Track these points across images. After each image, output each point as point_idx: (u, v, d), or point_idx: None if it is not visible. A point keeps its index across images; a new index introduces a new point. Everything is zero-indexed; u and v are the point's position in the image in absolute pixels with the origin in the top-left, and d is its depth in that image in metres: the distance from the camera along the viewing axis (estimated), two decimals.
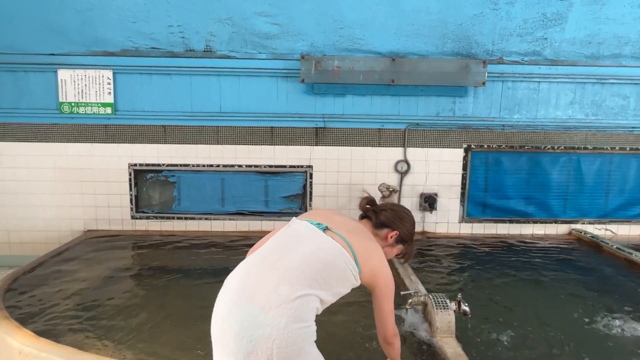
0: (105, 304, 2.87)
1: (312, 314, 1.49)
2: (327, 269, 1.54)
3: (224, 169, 4.32)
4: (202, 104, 4.21)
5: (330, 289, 1.55)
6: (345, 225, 1.73)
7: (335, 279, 1.56)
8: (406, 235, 1.90)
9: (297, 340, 1.40)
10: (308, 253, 1.55)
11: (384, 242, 1.87)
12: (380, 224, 1.87)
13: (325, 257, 1.55)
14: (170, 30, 4.06)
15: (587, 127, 4.37)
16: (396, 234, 1.87)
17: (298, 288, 1.46)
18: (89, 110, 4.15)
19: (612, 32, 4.15)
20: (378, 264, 1.68)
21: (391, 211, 1.90)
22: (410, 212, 1.97)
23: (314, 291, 1.49)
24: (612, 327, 2.69)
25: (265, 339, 1.38)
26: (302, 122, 4.26)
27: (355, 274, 1.60)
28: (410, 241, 1.93)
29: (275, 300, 1.42)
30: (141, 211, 4.37)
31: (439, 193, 4.40)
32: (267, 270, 1.51)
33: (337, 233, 1.64)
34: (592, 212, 4.52)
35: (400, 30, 4.09)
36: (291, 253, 1.55)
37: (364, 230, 1.79)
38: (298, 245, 1.58)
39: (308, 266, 1.52)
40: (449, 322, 2.34)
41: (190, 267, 3.59)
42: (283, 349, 1.37)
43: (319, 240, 1.60)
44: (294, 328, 1.40)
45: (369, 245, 1.70)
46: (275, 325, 1.39)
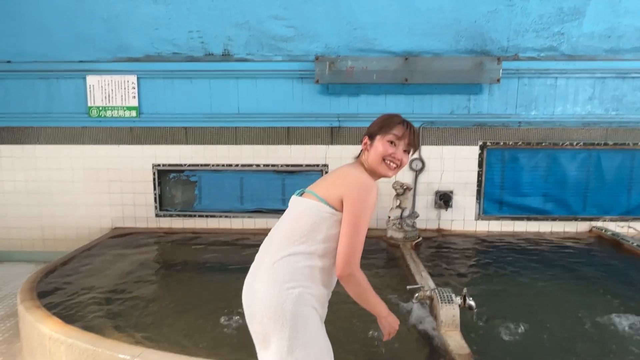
0: (129, 295, 3.05)
1: (299, 274, 1.55)
2: (301, 226, 1.61)
3: (242, 169, 4.46)
4: (221, 106, 4.37)
5: (312, 239, 1.58)
6: (325, 177, 1.77)
7: (313, 229, 1.58)
8: (373, 129, 1.74)
9: (280, 302, 1.51)
10: (285, 223, 1.68)
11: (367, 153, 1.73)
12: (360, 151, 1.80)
13: (296, 217, 1.65)
14: (190, 36, 4.23)
15: (608, 122, 4.28)
16: (365, 137, 1.76)
17: (276, 254, 1.60)
18: (115, 114, 4.38)
19: (633, 24, 4.07)
20: (339, 181, 1.64)
21: None
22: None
23: (293, 249, 1.58)
24: (627, 325, 2.66)
25: (256, 303, 1.58)
26: (317, 122, 4.36)
27: (329, 210, 1.59)
28: (379, 128, 1.73)
29: (263, 269, 1.62)
30: (165, 209, 4.57)
31: (455, 191, 4.41)
32: (265, 248, 1.70)
33: (309, 191, 1.71)
34: (613, 209, 4.43)
35: (413, 29, 4.13)
36: (277, 229, 1.70)
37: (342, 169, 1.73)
38: (284, 220, 1.71)
39: (285, 233, 1.64)
40: (453, 315, 2.39)
41: (211, 262, 3.75)
42: (269, 310, 1.53)
43: (294, 205, 1.71)
44: (275, 291, 1.54)
45: (335, 177, 1.69)
46: (261, 290, 1.57)
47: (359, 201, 1.56)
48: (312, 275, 1.57)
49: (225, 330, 2.57)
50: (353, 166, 1.75)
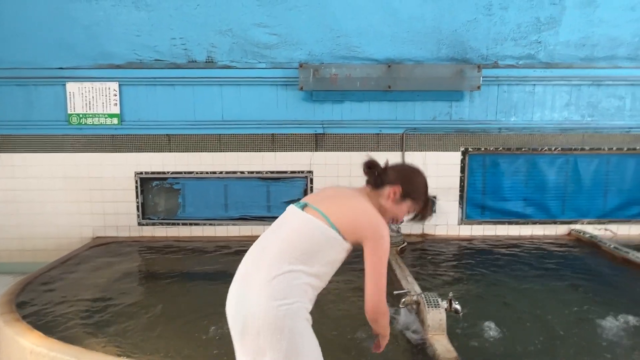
0: (112, 306, 2.99)
1: (296, 290, 1.56)
2: (303, 242, 1.60)
3: (226, 176, 4.44)
4: (204, 113, 4.35)
5: (315, 260, 1.60)
6: (330, 197, 1.74)
7: (317, 250, 1.60)
8: (411, 188, 1.78)
9: (278, 316, 1.51)
10: (284, 235, 1.64)
11: (388, 201, 1.77)
12: (380, 183, 1.78)
13: (298, 231, 1.62)
14: (173, 43, 4.21)
15: (584, 128, 4.42)
16: (398, 187, 1.76)
17: (276, 268, 1.56)
18: (97, 121, 4.31)
19: (606, 34, 4.22)
20: (358, 212, 1.65)
21: (392, 168, 1.82)
22: (418, 168, 1.87)
23: (295, 266, 1.57)
24: (606, 325, 2.73)
25: (252, 317, 1.53)
26: (301, 128, 4.38)
27: (337, 237, 1.61)
28: (418, 196, 1.80)
29: (257, 282, 1.56)
30: (147, 218, 4.51)
31: (438, 196, 4.48)
32: (256, 258, 1.65)
33: (313, 207, 1.68)
34: (591, 213, 4.55)
35: (396, 37, 4.20)
36: (274, 238, 1.66)
37: (351, 195, 1.75)
38: (279, 229, 1.68)
39: (284, 246, 1.60)
40: (440, 319, 2.42)
41: (195, 271, 3.71)
42: (267, 325, 1.51)
43: (296, 218, 1.68)
44: (274, 305, 1.51)
45: (346, 202, 1.69)
46: (258, 304, 1.53)
47: (384, 249, 1.62)
48: (307, 291, 1.60)
49: (212, 340, 2.55)
50: (366, 199, 1.74)
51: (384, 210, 1.77)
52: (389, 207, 1.78)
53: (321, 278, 1.64)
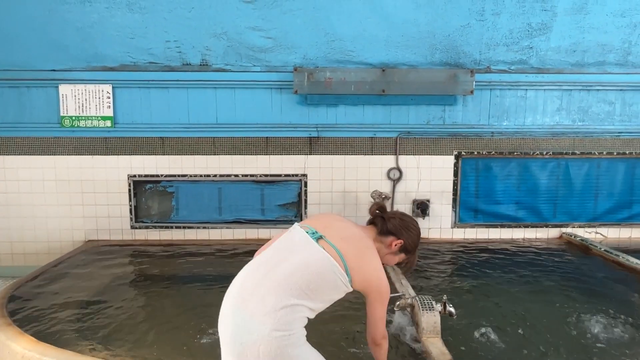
0: (104, 310, 2.97)
1: (298, 322, 1.60)
2: (316, 280, 1.62)
3: (220, 179, 4.43)
4: (198, 116, 4.34)
5: (320, 297, 1.65)
6: (343, 232, 1.77)
7: (325, 288, 1.65)
8: (410, 245, 1.92)
9: (280, 346, 1.53)
10: (297, 264, 1.63)
11: (387, 249, 1.90)
12: (386, 231, 1.89)
13: (314, 268, 1.63)
14: (167, 46, 4.20)
15: (575, 132, 4.48)
16: (401, 242, 1.89)
17: (283, 299, 1.56)
18: (89, 124, 4.29)
19: (596, 40, 4.28)
20: (371, 271, 1.73)
21: (399, 220, 1.91)
22: (418, 224, 1.99)
23: (301, 301, 1.59)
24: (597, 326, 2.76)
25: (252, 344, 1.53)
26: (296, 132, 4.38)
27: (346, 282, 1.67)
28: (413, 251, 1.97)
29: (261, 309, 1.55)
30: (140, 221, 4.48)
31: (431, 199, 4.50)
32: (260, 279, 1.63)
33: (330, 242, 1.70)
34: (582, 216, 4.61)
35: (390, 42, 4.23)
36: (283, 263, 1.65)
37: (361, 238, 1.81)
38: (290, 256, 1.67)
39: (296, 277, 1.60)
40: (434, 322, 2.43)
41: (188, 275, 3.69)
42: (267, 353, 1.52)
43: (310, 250, 1.67)
44: (277, 336, 1.52)
45: (363, 253, 1.75)
46: (260, 333, 1.52)
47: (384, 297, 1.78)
48: (304, 322, 1.65)
49: (206, 345, 2.53)
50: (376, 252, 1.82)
51: (381, 256, 1.87)
52: (385, 255, 1.91)
53: (317, 312, 1.70)
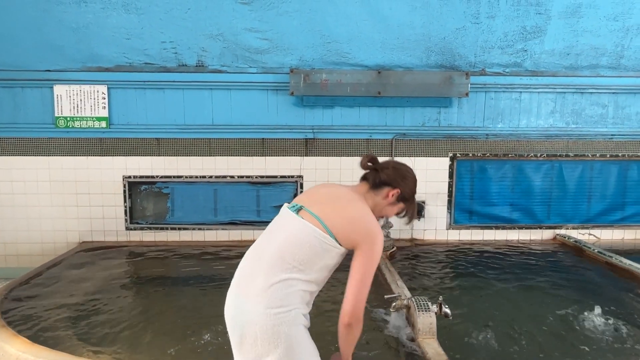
0: (98, 312, 2.95)
1: (293, 297, 1.57)
2: (301, 250, 1.59)
3: (216, 180, 4.42)
4: (194, 117, 4.33)
5: (311, 267, 1.60)
6: (324, 197, 1.72)
7: (313, 257, 1.60)
8: (408, 193, 1.83)
9: (276, 324, 1.53)
10: (281, 240, 1.63)
11: (384, 201, 1.80)
12: (379, 183, 1.80)
13: (295, 239, 1.61)
14: (163, 46, 4.20)
15: (568, 135, 4.52)
16: (397, 192, 1.80)
17: (272, 276, 1.57)
18: (84, 125, 4.27)
19: (589, 43, 4.32)
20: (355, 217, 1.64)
21: (393, 169, 1.82)
22: (412, 171, 1.90)
23: (291, 274, 1.57)
24: (590, 327, 2.79)
25: (249, 324, 1.55)
26: (292, 133, 4.39)
27: (332, 242, 1.61)
28: (411, 200, 1.87)
29: (253, 290, 1.57)
30: (135, 222, 4.46)
31: (427, 201, 4.52)
32: (254, 263, 1.65)
33: (308, 210, 1.66)
34: (575, 218, 4.65)
35: (386, 44, 4.24)
36: (270, 244, 1.65)
37: (344, 195, 1.73)
38: (275, 235, 1.68)
39: (282, 253, 1.60)
40: (430, 323, 2.44)
41: (183, 276, 3.68)
42: (264, 332, 1.53)
43: (291, 224, 1.66)
44: (272, 313, 1.53)
45: (343, 207, 1.67)
46: (255, 312, 1.54)
47: (375, 254, 1.63)
48: (303, 297, 1.61)
49: (203, 346, 2.53)
50: (363, 202, 1.73)
51: (378, 210, 1.80)
52: (383, 207, 1.82)
53: (317, 283, 1.65)
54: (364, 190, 1.82)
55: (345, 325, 1.62)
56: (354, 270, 1.61)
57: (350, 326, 1.61)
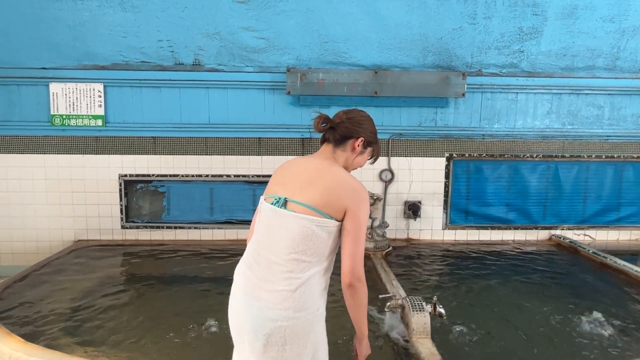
0: (93, 311, 2.94)
1: (318, 293, 1.59)
2: (310, 244, 1.57)
3: (212, 179, 4.42)
4: (191, 116, 4.33)
5: (324, 254, 1.61)
6: (299, 179, 1.67)
7: (322, 245, 1.59)
8: (370, 136, 1.80)
9: (306, 326, 1.56)
10: (287, 241, 1.59)
11: (353, 154, 1.78)
12: (341, 139, 1.76)
13: (300, 236, 1.58)
14: (159, 45, 4.19)
15: (564, 136, 4.53)
16: (361, 140, 1.77)
17: (294, 280, 1.56)
18: (80, 123, 4.25)
19: (586, 45, 4.33)
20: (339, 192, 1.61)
21: (347, 120, 1.77)
22: (365, 112, 1.86)
23: (310, 271, 1.57)
24: (584, 327, 2.80)
25: (277, 330, 1.54)
26: (288, 132, 4.39)
27: (332, 222, 1.60)
28: (375, 140, 1.85)
29: (277, 296, 1.56)
30: (131, 221, 4.45)
31: (423, 201, 4.53)
32: (264, 269, 1.62)
33: (295, 201, 1.62)
34: (570, 218, 4.66)
35: (383, 44, 4.25)
36: (273, 247, 1.62)
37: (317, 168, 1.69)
38: (277, 236, 1.62)
39: (293, 254, 1.58)
40: (424, 323, 2.45)
41: (179, 276, 3.67)
42: (294, 334, 1.54)
43: (286, 221, 1.61)
44: (301, 316, 1.55)
45: (325, 183, 1.63)
46: (284, 318, 1.54)
47: (364, 212, 1.62)
48: (325, 288, 1.64)
49: (198, 345, 2.53)
50: (334, 164, 1.71)
51: (350, 163, 1.80)
52: (354, 159, 1.81)
53: (329, 268, 1.67)
54: (329, 151, 1.78)
55: (348, 286, 1.59)
56: (346, 232, 1.60)
57: (353, 286, 1.59)
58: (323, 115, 1.79)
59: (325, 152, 1.78)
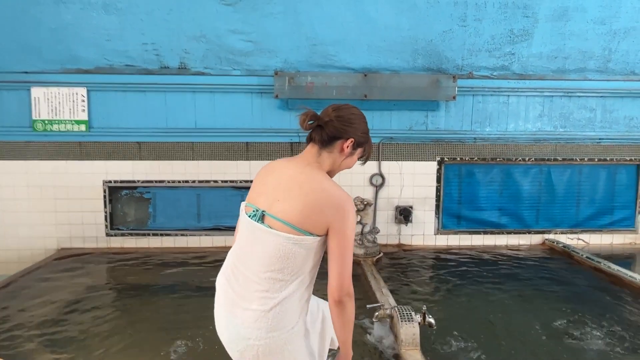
0: (75, 322, 2.84)
1: (295, 312, 1.52)
2: (286, 262, 1.48)
3: (199, 185, 4.32)
4: (177, 120, 4.23)
5: (302, 271, 1.52)
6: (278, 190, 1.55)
7: (301, 262, 1.50)
8: (361, 137, 1.65)
9: (280, 344, 1.50)
10: (262, 259, 1.50)
11: (341, 156, 1.63)
12: (328, 140, 1.60)
13: (275, 253, 1.49)
14: (144, 48, 4.10)
15: (556, 139, 4.48)
16: (351, 141, 1.62)
17: (268, 300, 1.49)
18: (63, 128, 4.15)
19: (577, 47, 4.29)
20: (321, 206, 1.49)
21: (337, 119, 1.61)
22: (357, 109, 1.69)
23: (287, 290, 1.49)
24: (577, 334, 2.74)
25: (249, 348, 1.51)
26: (277, 137, 4.31)
27: (311, 239, 1.49)
28: (367, 140, 1.69)
29: (251, 315, 1.50)
30: (116, 228, 4.34)
31: (414, 205, 4.46)
32: (241, 286, 1.55)
33: (272, 216, 1.51)
34: (564, 222, 4.60)
35: (372, 46, 4.18)
36: (250, 263, 1.54)
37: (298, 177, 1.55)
38: (252, 253, 1.54)
39: (268, 273, 1.50)
40: (413, 334, 2.37)
41: (165, 285, 3.56)
42: (267, 352, 1.50)
43: (262, 237, 1.52)
44: (274, 336, 1.48)
45: (303, 195, 1.50)
46: (256, 338, 1.49)
47: (349, 227, 1.50)
48: (303, 306, 1.56)
49: (185, 357, 2.43)
50: (318, 171, 1.57)
51: (338, 166, 1.65)
52: (342, 162, 1.65)
53: (311, 282, 1.59)
54: (314, 153, 1.62)
55: (336, 303, 1.49)
56: (331, 251, 1.50)
57: (342, 303, 1.49)
58: (310, 111, 1.62)
59: (309, 156, 1.62)
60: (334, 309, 1.51)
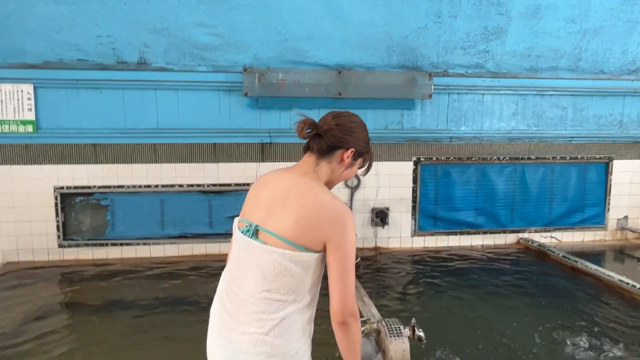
0: (23, 346, 2.53)
1: (297, 334, 1.40)
2: (284, 280, 1.37)
3: (163, 190, 4.01)
4: (137, 120, 3.91)
5: (302, 289, 1.40)
6: (272, 204, 1.44)
7: (299, 280, 1.39)
8: (362, 147, 1.55)
9: None
10: (258, 278, 1.39)
11: (341, 166, 1.53)
12: (328, 150, 1.50)
13: (272, 272, 1.37)
14: (99, 41, 3.74)
15: (530, 137, 4.46)
16: (352, 151, 1.52)
17: (266, 322, 1.36)
18: (7, 129, 3.74)
19: (549, 45, 4.28)
20: (318, 221, 1.38)
21: (337, 127, 1.50)
22: (357, 117, 1.59)
23: (286, 311, 1.37)
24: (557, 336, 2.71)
25: None
26: (246, 137, 4.06)
27: (309, 255, 1.38)
28: (368, 149, 1.60)
29: (249, 340, 1.37)
30: (70, 239, 3.97)
31: (391, 207, 4.33)
32: (236, 308, 1.42)
33: (266, 230, 1.41)
34: (538, 221, 4.61)
35: (346, 42, 4.00)
36: (244, 283, 1.42)
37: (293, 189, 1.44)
38: (245, 270, 1.42)
39: (265, 293, 1.37)
40: (403, 350, 2.20)
41: (127, 300, 3.26)
42: None
43: (257, 255, 1.41)
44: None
45: (299, 208, 1.39)
46: None
47: (349, 241, 1.37)
48: (304, 328, 1.42)
49: None
50: (315, 183, 1.46)
51: (337, 177, 1.54)
52: (342, 172, 1.54)
53: (313, 300, 1.44)
54: (312, 162, 1.51)
55: (339, 325, 1.39)
56: (331, 267, 1.38)
57: (346, 324, 1.39)
58: (308, 119, 1.49)
59: (306, 165, 1.52)
60: (338, 331, 1.42)
